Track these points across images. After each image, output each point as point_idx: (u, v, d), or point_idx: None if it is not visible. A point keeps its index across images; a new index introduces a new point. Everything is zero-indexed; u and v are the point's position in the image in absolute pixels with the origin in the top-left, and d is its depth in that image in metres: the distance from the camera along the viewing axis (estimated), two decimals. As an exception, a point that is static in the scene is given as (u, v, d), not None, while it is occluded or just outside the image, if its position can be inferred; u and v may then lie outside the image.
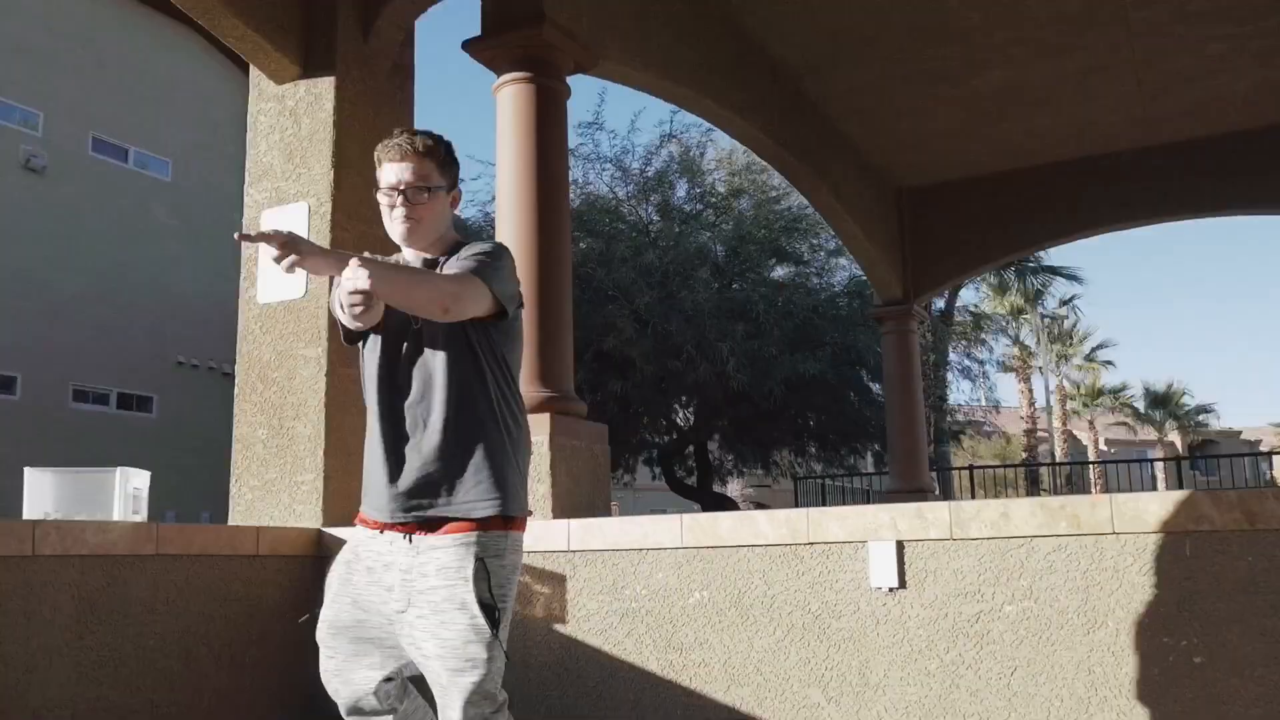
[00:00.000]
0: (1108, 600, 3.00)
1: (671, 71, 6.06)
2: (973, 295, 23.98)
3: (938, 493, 13.46)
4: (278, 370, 4.76)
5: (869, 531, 3.33)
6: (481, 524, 2.32)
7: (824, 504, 15.24)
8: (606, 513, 4.62)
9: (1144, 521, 2.97)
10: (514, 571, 2.38)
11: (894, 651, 3.25)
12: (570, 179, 14.67)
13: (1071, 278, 25.67)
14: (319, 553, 4.24)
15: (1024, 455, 25.84)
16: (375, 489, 2.41)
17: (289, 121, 5.13)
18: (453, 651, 2.23)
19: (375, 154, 2.49)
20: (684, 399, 14.71)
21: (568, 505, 4.34)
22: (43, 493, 3.79)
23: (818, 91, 7.90)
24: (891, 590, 3.28)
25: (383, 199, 2.47)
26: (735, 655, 3.48)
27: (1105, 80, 7.63)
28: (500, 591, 2.30)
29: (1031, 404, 26.97)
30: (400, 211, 2.43)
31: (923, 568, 3.25)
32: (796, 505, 14.59)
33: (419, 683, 2.45)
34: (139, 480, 3.97)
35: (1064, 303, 28.41)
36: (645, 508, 15.35)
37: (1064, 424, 30.13)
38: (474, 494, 2.34)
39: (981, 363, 18.01)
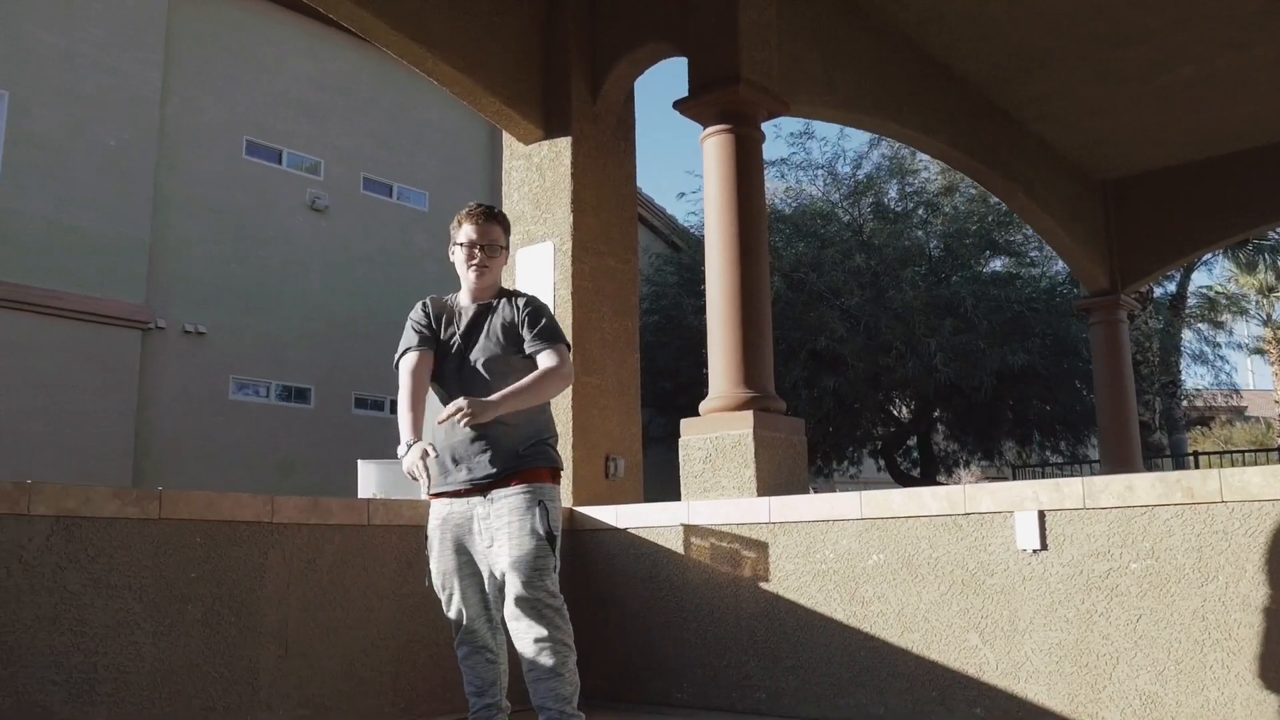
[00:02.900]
0: (1218, 558, 3.50)
1: (857, 104, 6.59)
2: (1207, 277, 22.72)
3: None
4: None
5: (1015, 503, 3.94)
6: (539, 477, 3.34)
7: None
8: (803, 492, 5.36)
9: (1248, 492, 3.46)
10: (560, 510, 3.38)
11: (1038, 602, 3.84)
12: (785, 186, 15.35)
13: (1315, 253, 23.67)
14: (573, 526, 5.11)
15: (1278, 441, 24.22)
16: (448, 461, 3.32)
17: (535, 175, 6.16)
18: (526, 564, 3.22)
19: (456, 217, 3.50)
20: (901, 393, 15.04)
21: (769, 485, 5.01)
22: (370, 478, 4.96)
23: (1004, 99, 8.13)
24: (1035, 552, 3.87)
25: (461, 251, 3.48)
26: (907, 607, 4.14)
27: (1303, 67, 7.62)
28: (554, 523, 3.29)
29: (1288, 386, 25.17)
30: (477, 261, 3.44)
31: (1061, 532, 3.83)
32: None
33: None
34: (437, 469, 5.08)
35: (1323, 277, 26.20)
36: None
37: (1331, 407, 27.82)
38: (532, 458, 3.35)
39: (1217, 345, 17.20)
